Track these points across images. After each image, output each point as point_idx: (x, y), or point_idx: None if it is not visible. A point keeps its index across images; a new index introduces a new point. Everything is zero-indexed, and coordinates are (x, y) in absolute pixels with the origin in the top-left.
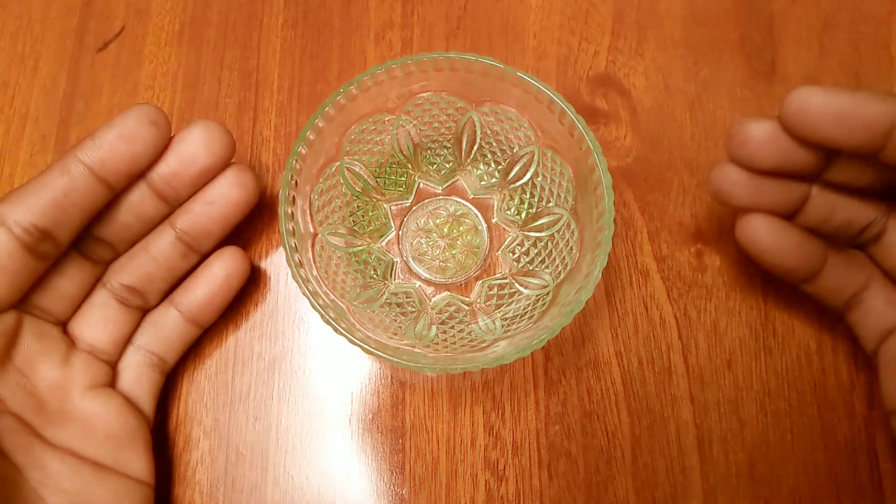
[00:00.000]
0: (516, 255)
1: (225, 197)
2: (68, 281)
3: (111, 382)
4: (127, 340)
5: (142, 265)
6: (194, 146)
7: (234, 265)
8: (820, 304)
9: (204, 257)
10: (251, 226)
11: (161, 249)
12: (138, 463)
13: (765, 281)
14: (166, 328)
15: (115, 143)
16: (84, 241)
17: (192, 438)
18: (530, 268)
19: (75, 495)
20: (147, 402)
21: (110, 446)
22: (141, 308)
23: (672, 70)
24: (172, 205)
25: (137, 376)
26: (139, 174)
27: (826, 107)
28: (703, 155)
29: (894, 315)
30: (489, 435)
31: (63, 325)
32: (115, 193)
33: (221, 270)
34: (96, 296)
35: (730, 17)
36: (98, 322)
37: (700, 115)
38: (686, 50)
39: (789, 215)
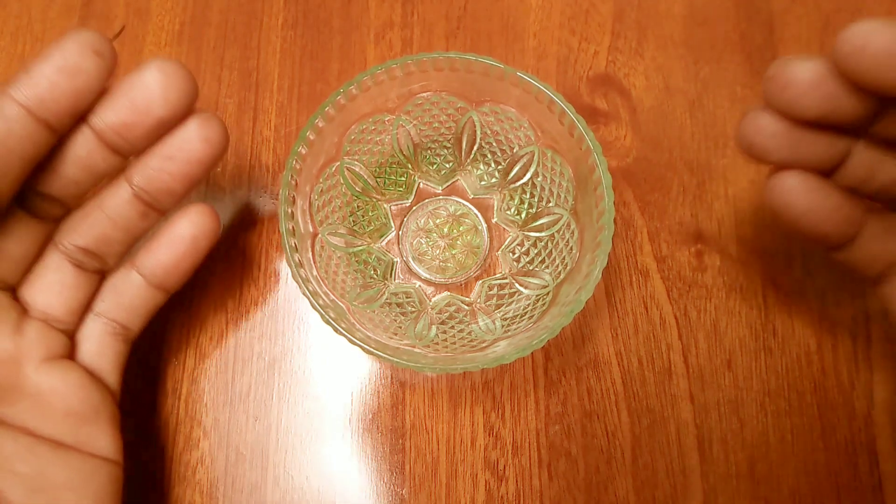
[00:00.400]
0: (516, 255)
1: (186, 151)
2: (15, 242)
3: (69, 354)
4: (85, 307)
5: (96, 224)
6: (149, 93)
7: (202, 225)
8: (820, 304)
9: (165, 214)
10: (251, 226)
11: (117, 208)
12: (103, 440)
13: (765, 281)
14: (128, 294)
15: (54, 77)
16: (29, 197)
17: (192, 438)
18: (530, 268)
19: (31, 478)
20: (111, 373)
21: (71, 423)
22: (99, 271)
23: (672, 70)
24: (126, 157)
25: (99, 346)
26: (83, 113)
27: (891, 45)
28: (703, 155)
29: None
30: (489, 435)
31: (13, 290)
32: (57, 137)
33: (187, 230)
34: (48, 258)
35: (730, 17)
36: (52, 287)
37: (700, 114)
38: (686, 50)
39: (827, 173)
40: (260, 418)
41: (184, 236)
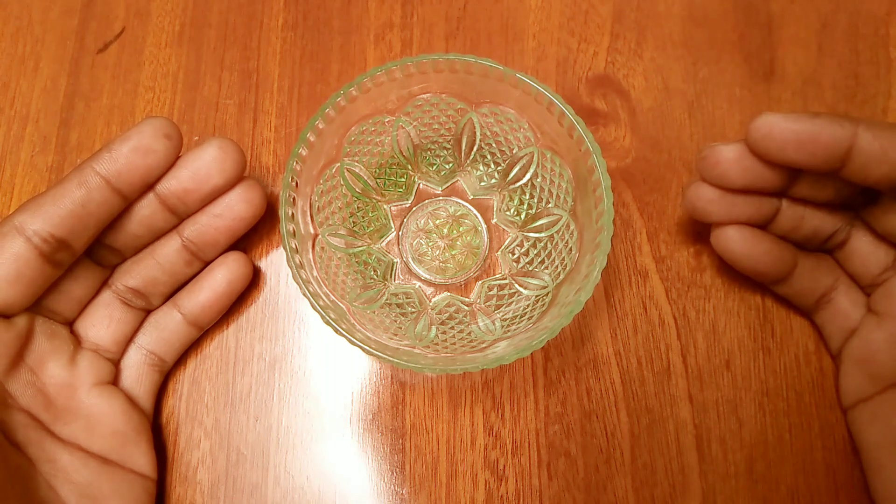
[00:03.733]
0: (516, 256)
1: (233, 210)
2: (78, 284)
3: (115, 380)
4: (129, 340)
5: (147, 269)
6: (208, 166)
7: (237, 271)
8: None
9: (207, 262)
10: (252, 227)
11: (167, 256)
12: (141, 458)
13: None
14: (168, 329)
15: (130, 155)
16: (95, 248)
17: (193, 438)
18: (530, 268)
19: (84, 487)
20: (147, 400)
21: (115, 442)
22: (144, 309)
23: (671, 71)
24: (181, 217)
25: (139, 375)
26: (152, 185)
27: (788, 132)
28: None
29: (858, 315)
30: (489, 435)
31: (70, 324)
32: (127, 203)
33: (224, 276)
34: (102, 297)
35: (729, 18)
36: (103, 322)
37: (699, 115)
38: (685, 50)
39: (762, 225)
40: (261, 418)
41: (221, 281)
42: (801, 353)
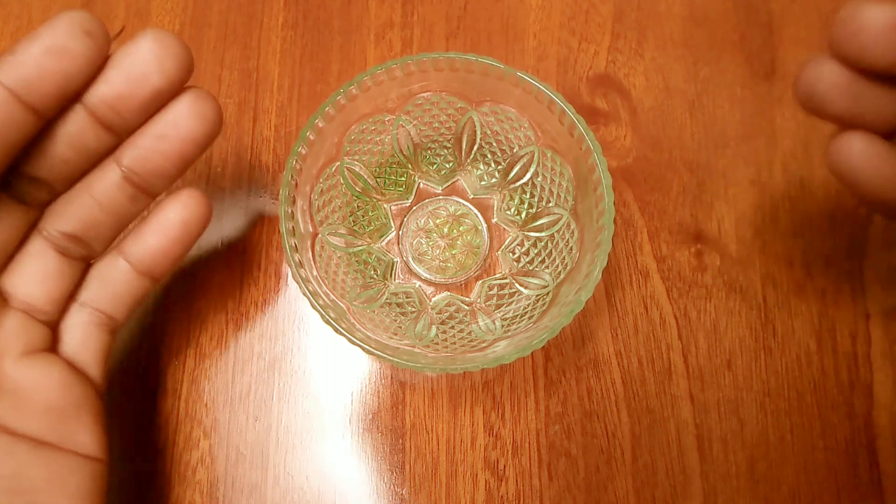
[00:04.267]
0: (516, 255)
1: (180, 129)
2: None
3: (51, 346)
4: (69, 297)
5: (84, 209)
6: (144, 62)
7: (193, 209)
8: (820, 304)
9: (155, 197)
10: (251, 226)
11: (106, 190)
12: (86, 436)
13: (765, 281)
14: (115, 282)
15: (41, 58)
16: (14, 181)
17: (192, 438)
18: (530, 268)
19: (9, 479)
20: (95, 366)
21: (51, 420)
22: (84, 259)
23: (672, 70)
24: (119, 135)
25: (83, 338)
26: (72, 97)
27: None
28: (702, 155)
29: None
30: (489, 435)
31: None
32: (45, 121)
33: (177, 215)
34: (31, 245)
35: (729, 18)
36: (34, 276)
37: (700, 115)
38: (686, 50)
39: (888, 135)
40: (260, 418)
41: (174, 221)
42: (803, 353)
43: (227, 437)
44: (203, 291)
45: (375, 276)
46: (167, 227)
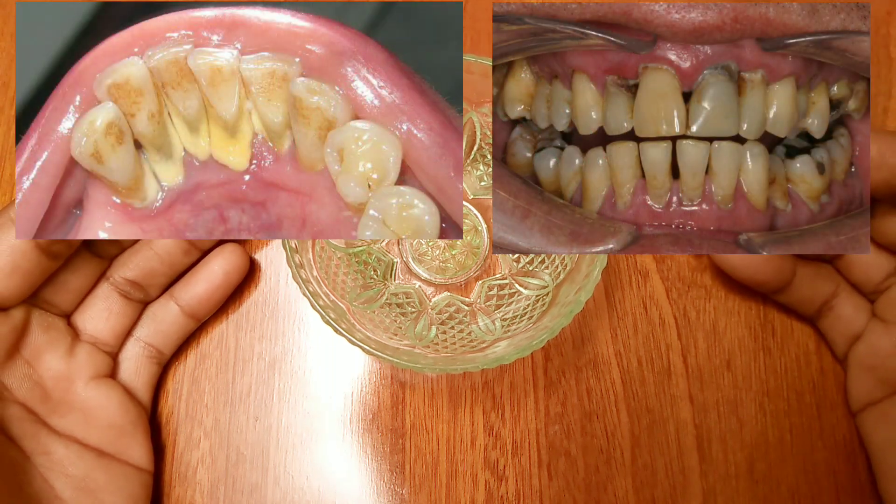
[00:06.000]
0: (516, 255)
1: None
2: (76, 276)
3: (112, 373)
4: (128, 332)
5: (145, 260)
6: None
7: (234, 262)
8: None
9: (205, 252)
10: None
11: (164, 246)
12: (138, 451)
13: None
14: (165, 321)
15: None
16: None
17: (193, 438)
18: (530, 268)
19: (80, 480)
20: (145, 392)
21: (112, 435)
22: (141, 301)
23: None
24: None
25: (136, 367)
26: None
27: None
28: None
29: (862, 320)
30: (489, 435)
31: (68, 317)
32: None
33: (221, 267)
34: (100, 289)
35: None
36: (101, 314)
37: None
38: None
39: None
40: (260, 418)
41: (218, 272)
42: (802, 354)
43: (228, 437)
44: None
45: (375, 277)
46: (212, 277)
